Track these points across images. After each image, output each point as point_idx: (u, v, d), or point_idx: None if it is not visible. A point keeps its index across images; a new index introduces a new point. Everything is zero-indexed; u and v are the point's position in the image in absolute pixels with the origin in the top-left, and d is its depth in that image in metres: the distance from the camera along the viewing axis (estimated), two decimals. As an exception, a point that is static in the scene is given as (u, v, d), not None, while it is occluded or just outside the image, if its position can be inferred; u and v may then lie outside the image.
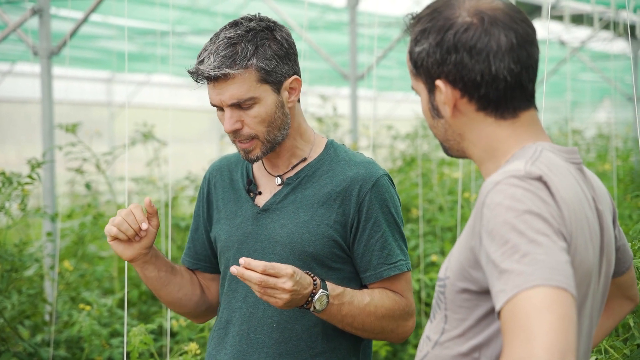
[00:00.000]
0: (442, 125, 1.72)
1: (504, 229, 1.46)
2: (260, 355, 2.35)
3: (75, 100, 14.12)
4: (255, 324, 2.36)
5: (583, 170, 1.72)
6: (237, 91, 2.26)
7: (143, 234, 2.34)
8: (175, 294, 2.48)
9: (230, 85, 2.26)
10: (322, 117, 7.45)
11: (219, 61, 2.24)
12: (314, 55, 10.01)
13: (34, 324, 4.66)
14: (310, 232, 2.32)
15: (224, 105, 2.28)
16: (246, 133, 2.30)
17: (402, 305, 2.35)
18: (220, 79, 2.25)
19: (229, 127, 2.29)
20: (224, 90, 2.26)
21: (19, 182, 4.05)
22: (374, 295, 2.31)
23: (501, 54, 1.62)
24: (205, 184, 2.54)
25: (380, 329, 2.33)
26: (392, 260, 2.34)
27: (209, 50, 2.27)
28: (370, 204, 2.33)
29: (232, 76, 2.25)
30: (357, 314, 2.27)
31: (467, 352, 1.62)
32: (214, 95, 2.29)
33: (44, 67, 5.00)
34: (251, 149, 2.32)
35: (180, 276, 2.49)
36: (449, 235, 5.83)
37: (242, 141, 2.31)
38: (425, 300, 5.17)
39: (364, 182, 2.33)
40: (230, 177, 2.49)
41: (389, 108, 17.71)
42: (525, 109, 1.68)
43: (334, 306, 2.23)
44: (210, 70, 2.24)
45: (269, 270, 2.10)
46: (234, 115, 2.28)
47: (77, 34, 5.44)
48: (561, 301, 1.37)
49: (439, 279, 1.68)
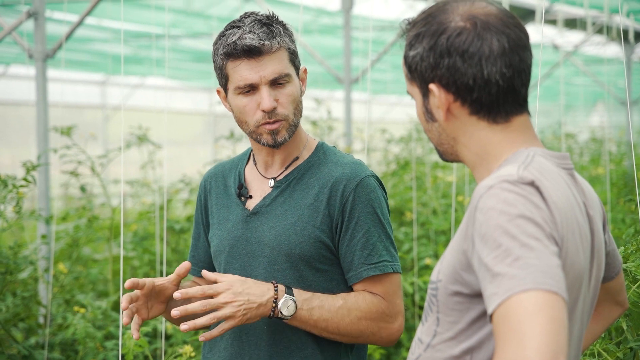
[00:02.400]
0: (436, 129, 1.73)
1: (496, 233, 1.47)
2: (252, 357, 2.36)
3: (69, 102, 14.10)
4: (247, 327, 2.36)
5: (574, 175, 1.73)
6: (277, 66, 2.28)
7: None
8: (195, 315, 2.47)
9: (272, 60, 2.28)
10: (316, 121, 7.45)
11: (262, 35, 2.27)
12: (308, 58, 10.01)
13: (28, 326, 4.66)
14: (297, 234, 2.32)
15: (264, 82, 2.28)
16: (280, 112, 2.31)
17: (380, 308, 2.31)
18: (265, 52, 2.26)
19: (270, 104, 2.28)
20: (265, 66, 2.27)
21: (14, 184, 4.05)
22: (348, 298, 2.30)
23: (493, 58, 1.63)
24: (202, 191, 2.55)
25: (359, 332, 2.31)
26: (373, 260, 2.31)
27: (239, 32, 2.27)
28: (353, 204, 2.32)
29: (276, 50, 2.28)
30: (329, 318, 2.27)
31: (459, 355, 1.63)
32: (251, 74, 2.28)
33: (39, 70, 5.00)
34: (279, 130, 2.32)
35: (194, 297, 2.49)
36: (442, 238, 5.84)
37: (274, 122, 2.31)
38: (419, 304, 5.18)
39: (348, 182, 2.33)
40: (224, 183, 2.50)
41: (383, 111, 17.74)
42: (517, 114, 1.69)
43: (304, 311, 2.24)
44: (257, 41, 2.25)
45: (207, 292, 2.16)
46: (271, 93, 2.29)
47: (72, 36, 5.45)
48: (552, 304, 1.39)
49: (431, 281, 1.69)
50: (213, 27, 9.61)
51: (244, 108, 2.32)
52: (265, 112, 2.30)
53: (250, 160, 2.51)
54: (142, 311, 2.31)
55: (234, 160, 2.55)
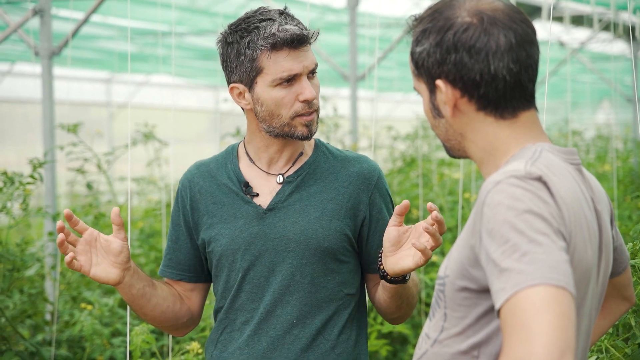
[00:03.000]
0: (443, 125, 1.73)
1: (504, 228, 1.47)
2: (282, 352, 2.35)
3: (75, 100, 14.12)
4: (275, 322, 2.35)
5: (582, 171, 1.73)
6: (313, 56, 2.34)
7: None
8: (160, 307, 2.42)
9: (308, 51, 2.32)
10: (322, 118, 7.45)
11: (300, 26, 2.31)
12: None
13: (36, 323, 4.67)
14: (324, 227, 2.35)
15: (306, 71, 2.31)
16: (316, 103, 2.35)
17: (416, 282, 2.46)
18: (305, 42, 2.30)
19: (312, 94, 2.31)
20: (306, 56, 2.31)
21: (21, 182, 4.05)
22: None
23: (500, 53, 1.63)
24: (187, 192, 2.46)
25: (415, 301, 2.45)
26: None
27: (275, 24, 2.28)
28: (378, 198, 2.41)
29: (312, 40, 2.32)
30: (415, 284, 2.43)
31: (466, 350, 1.63)
32: (294, 64, 2.29)
33: (44, 68, 5.01)
34: (313, 121, 2.36)
35: (161, 289, 2.43)
36: (449, 235, 5.84)
37: (312, 112, 2.34)
38: (425, 300, 5.18)
39: (370, 177, 2.41)
40: (215, 182, 2.44)
41: (389, 109, 17.71)
42: (525, 109, 1.69)
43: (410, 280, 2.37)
44: (300, 31, 2.28)
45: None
46: (309, 83, 2.33)
47: (78, 34, 5.45)
48: (560, 300, 1.38)
49: (439, 277, 1.69)
50: (218, 25, 9.61)
51: (282, 100, 2.31)
52: (308, 101, 2.31)
53: (244, 158, 2.46)
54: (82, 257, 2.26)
55: (217, 158, 2.49)
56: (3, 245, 4.13)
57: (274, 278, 2.36)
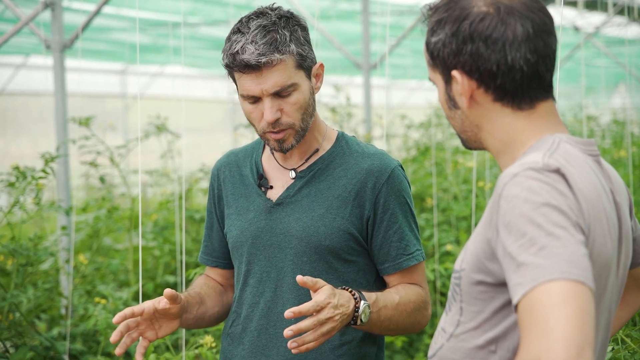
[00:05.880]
0: (459, 116, 1.71)
1: (521, 222, 1.44)
2: (279, 350, 2.35)
3: (89, 92, 14.14)
4: (274, 319, 2.35)
5: (600, 162, 1.70)
6: (279, 78, 2.22)
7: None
8: (213, 316, 2.48)
9: (273, 72, 2.21)
10: (335, 107, 7.43)
11: (262, 48, 2.19)
12: (327, 44, 9.98)
13: (50, 317, 4.67)
14: (326, 226, 2.31)
15: (265, 95, 2.23)
16: (285, 122, 2.26)
17: (422, 297, 2.36)
18: (265, 66, 2.20)
19: (271, 117, 2.23)
20: (266, 79, 2.21)
21: (33, 176, 4.05)
22: (400, 292, 2.31)
23: (517, 43, 1.61)
24: (215, 180, 2.52)
25: (411, 324, 2.33)
26: (410, 250, 2.34)
27: (242, 40, 2.21)
28: (387, 197, 2.32)
29: (277, 62, 2.20)
30: (392, 315, 2.26)
31: (483, 345, 1.62)
32: (252, 86, 2.23)
33: (56, 60, 4.99)
34: (285, 139, 2.29)
35: (209, 298, 2.47)
36: (463, 224, 5.81)
37: (279, 131, 2.27)
38: (440, 290, 5.15)
39: (379, 174, 2.32)
40: (239, 172, 2.47)
41: (403, 97, 17.68)
42: (542, 100, 1.66)
43: (374, 314, 2.21)
44: (255, 57, 2.19)
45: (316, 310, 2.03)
46: (274, 104, 2.24)
47: (90, 26, 5.43)
48: (579, 294, 1.36)
49: (455, 270, 1.67)
50: (230, 15, 9.59)
51: (250, 114, 2.29)
52: (269, 123, 2.26)
53: (267, 149, 2.47)
54: (148, 333, 2.29)
55: (247, 148, 2.51)
56: (16, 240, 4.13)
57: (275, 274, 2.35)
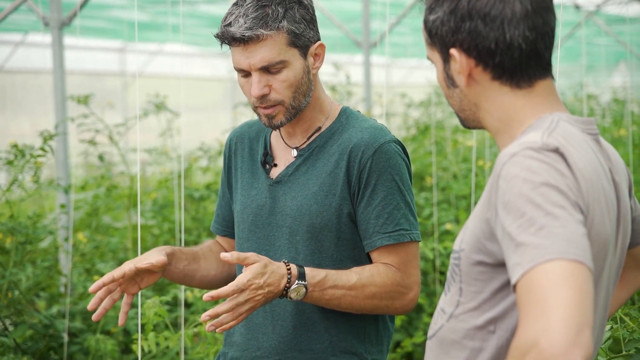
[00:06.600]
0: (458, 95, 1.70)
1: (520, 202, 1.44)
2: (275, 327, 2.35)
3: (88, 70, 14.10)
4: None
5: (599, 141, 1.69)
6: (267, 54, 2.22)
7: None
8: (205, 278, 2.47)
9: (261, 47, 2.22)
10: (335, 86, 7.41)
11: (250, 22, 2.20)
12: (326, 22, 9.93)
13: (49, 295, 4.68)
14: (318, 203, 2.29)
15: (253, 69, 2.24)
16: (273, 98, 2.26)
17: (395, 280, 2.27)
18: (252, 41, 2.21)
19: (257, 92, 2.24)
20: (255, 53, 2.22)
21: (32, 154, 4.04)
22: (362, 273, 2.25)
23: (516, 21, 1.60)
24: (227, 150, 2.53)
25: (372, 307, 2.28)
26: (389, 229, 2.27)
27: (236, 13, 2.23)
28: (370, 171, 2.27)
29: (264, 38, 2.21)
30: (341, 296, 2.23)
31: (482, 325, 1.61)
32: (242, 59, 2.24)
33: (55, 38, 4.97)
34: (274, 115, 2.29)
35: (204, 259, 2.47)
36: (463, 203, 5.81)
37: (267, 107, 2.27)
38: (439, 269, 5.16)
39: (366, 148, 2.28)
40: (250, 146, 2.47)
41: (403, 75, 17.63)
42: (541, 78, 1.65)
43: (316, 292, 2.20)
44: (242, 31, 2.20)
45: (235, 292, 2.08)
46: (262, 79, 2.24)
47: (88, 3, 5.40)
48: (578, 274, 1.36)
49: (454, 251, 1.67)
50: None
51: (243, 87, 2.30)
52: (256, 98, 2.26)
53: None
54: (131, 288, 2.28)
55: (260, 122, 2.49)
56: (15, 218, 4.12)
57: (271, 253, 2.34)
